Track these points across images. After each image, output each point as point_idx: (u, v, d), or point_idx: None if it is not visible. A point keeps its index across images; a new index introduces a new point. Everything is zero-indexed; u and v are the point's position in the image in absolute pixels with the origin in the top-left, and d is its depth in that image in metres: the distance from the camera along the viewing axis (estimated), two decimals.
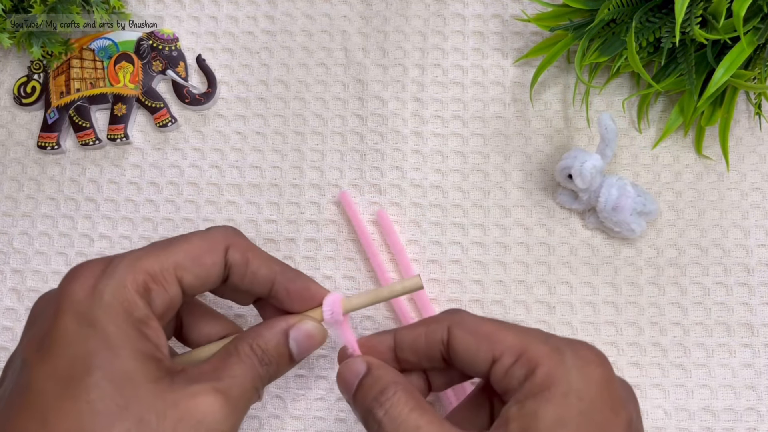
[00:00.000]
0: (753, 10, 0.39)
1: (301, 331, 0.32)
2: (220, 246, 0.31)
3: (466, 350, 0.29)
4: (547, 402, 0.26)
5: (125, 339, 0.27)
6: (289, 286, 0.33)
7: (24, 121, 0.49)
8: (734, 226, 0.44)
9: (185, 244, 0.31)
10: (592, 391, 0.27)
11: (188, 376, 0.28)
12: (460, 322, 0.30)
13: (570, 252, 0.44)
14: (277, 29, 0.50)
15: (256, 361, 0.31)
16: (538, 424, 0.26)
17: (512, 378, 0.27)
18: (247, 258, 0.32)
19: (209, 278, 0.31)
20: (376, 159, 0.46)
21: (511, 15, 0.49)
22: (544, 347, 0.28)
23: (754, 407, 0.41)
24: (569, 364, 0.27)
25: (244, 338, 0.31)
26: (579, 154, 0.41)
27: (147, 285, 0.29)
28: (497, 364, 0.28)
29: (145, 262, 0.29)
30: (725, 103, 0.43)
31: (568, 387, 0.26)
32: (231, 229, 0.33)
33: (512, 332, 0.29)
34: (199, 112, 0.48)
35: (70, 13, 0.46)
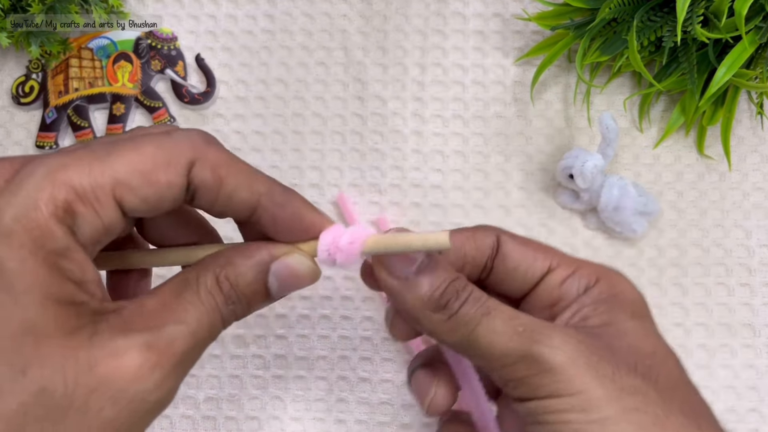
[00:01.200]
0: (755, 9, 0.39)
1: (287, 266, 0.25)
2: (181, 159, 0.23)
3: (521, 257, 0.28)
4: (620, 303, 0.27)
5: (30, 279, 0.20)
6: (277, 212, 0.25)
7: (22, 120, 0.49)
8: (736, 227, 0.44)
9: (132, 152, 0.22)
10: (647, 306, 0.28)
11: (120, 320, 0.22)
12: (507, 233, 0.29)
13: (571, 252, 0.44)
14: (277, 28, 0.49)
15: (219, 299, 0.24)
16: (618, 317, 0.26)
17: (571, 287, 0.28)
18: (219, 176, 0.24)
19: (162, 201, 0.23)
20: (376, 159, 0.46)
21: (512, 14, 0.48)
22: (600, 267, 0.28)
23: (756, 408, 0.41)
24: (626, 282, 0.28)
25: (209, 265, 0.24)
26: (580, 154, 0.41)
27: (70, 206, 0.21)
28: (552, 274, 0.28)
29: (70, 172, 0.21)
30: (727, 102, 0.43)
31: (634, 296, 0.28)
32: (200, 134, 0.24)
33: (562, 252, 0.29)
34: (198, 111, 0.48)
35: (68, 12, 0.46)
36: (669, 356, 0.26)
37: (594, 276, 0.28)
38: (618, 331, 0.26)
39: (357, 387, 0.43)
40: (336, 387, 0.43)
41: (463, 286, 0.26)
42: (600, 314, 0.26)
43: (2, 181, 0.21)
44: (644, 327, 0.27)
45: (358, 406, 0.43)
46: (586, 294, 0.27)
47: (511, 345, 0.25)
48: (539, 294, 0.28)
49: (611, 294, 0.27)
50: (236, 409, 0.43)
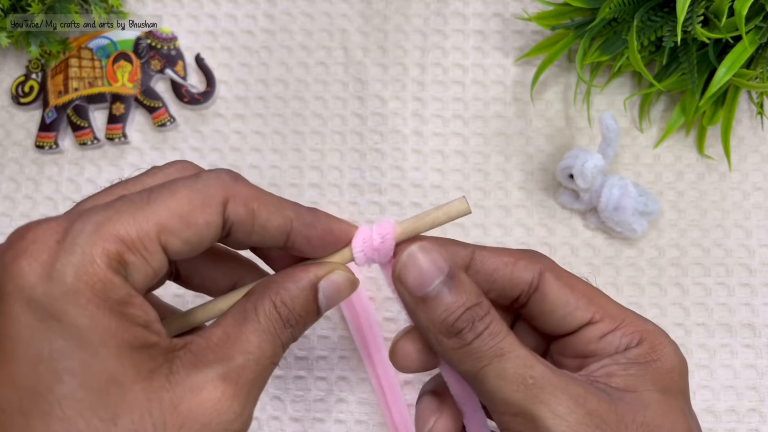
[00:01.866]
0: (755, 9, 0.39)
1: (333, 283, 0.26)
2: (215, 200, 0.24)
3: (561, 303, 0.27)
4: (655, 371, 0.26)
5: (103, 331, 0.21)
6: (310, 233, 0.26)
7: (22, 120, 0.49)
8: (736, 227, 0.44)
9: (169, 198, 0.23)
10: (686, 378, 0.27)
11: (191, 356, 0.23)
12: (555, 270, 0.27)
13: (571, 252, 0.44)
14: (277, 28, 0.49)
15: (278, 324, 0.25)
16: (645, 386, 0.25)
17: (610, 344, 0.26)
18: (252, 210, 0.25)
19: (203, 241, 0.24)
20: (376, 159, 0.46)
21: (512, 13, 0.48)
22: (646, 325, 0.27)
23: (756, 408, 0.41)
24: (670, 348, 0.27)
25: (263, 293, 0.25)
26: (580, 154, 0.41)
27: (122, 256, 0.22)
28: (593, 327, 0.27)
29: (116, 225, 0.22)
30: (727, 102, 0.43)
31: (673, 365, 0.26)
32: (227, 173, 0.25)
33: (609, 300, 0.28)
34: (197, 111, 0.48)
35: (68, 12, 0.46)
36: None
37: (638, 336, 0.26)
38: (639, 401, 0.25)
39: (357, 387, 0.43)
40: (336, 387, 0.43)
41: (481, 315, 0.25)
42: (628, 377, 0.25)
43: (54, 243, 0.22)
44: (669, 404, 0.25)
45: (358, 406, 0.43)
46: (622, 354, 0.26)
47: (516, 397, 0.24)
48: (575, 342, 0.27)
49: (649, 359, 0.26)
50: None
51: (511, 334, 0.25)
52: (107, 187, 0.26)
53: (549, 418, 0.23)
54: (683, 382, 0.26)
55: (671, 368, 0.26)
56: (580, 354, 0.27)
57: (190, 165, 0.27)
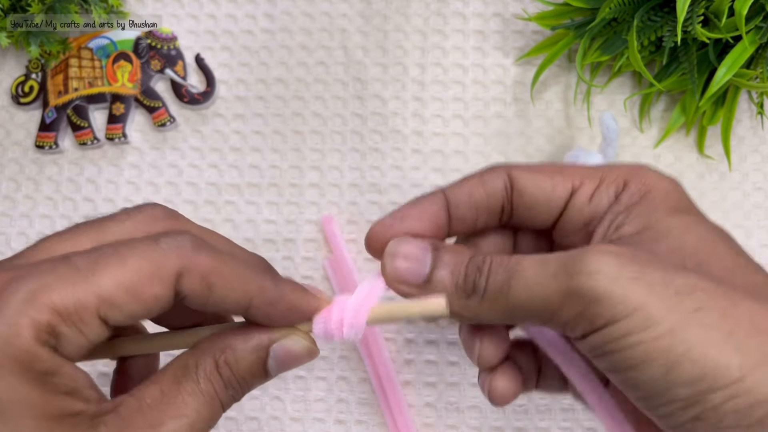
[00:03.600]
0: (755, 8, 0.39)
1: (286, 349, 0.25)
2: (167, 272, 0.22)
3: (539, 188, 0.26)
4: (654, 200, 0.25)
5: (23, 403, 0.21)
6: (270, 310, 0.24)
7: (22, 120, 0.49)
8: (736, 227, 0.44)
9: (117, 267, 0.22)
10: (683, 191, 0.26)
11: (120, 420, 0.22)
12: (519, 166, 0.27)
13: None
14: (277, 28, 0.49)
15: (219, 386, 0.24)
16: (655, 217, 0.25)
17: (600, 200, 0.26)
18: (208, 284, 0.23)
19: (149, 313, 0.23)
20: (376, 159, 0.46)
21: (512, 13, 0.48)
22: (625, 168, 0.26)
23: None
24: (656, 174, 0.26)
25: (207, 350, 0.24)
26: (581, 154, 0.41)
27: (53, 328, 0.21)
28: (578, 194, 0.26)
29: (53, 294, 0.21)
30: (727, 102, 0.43)
31: (667, 188, 0.26)
32: (190, 240, 0.23)
33: (580, 166, 0.27)
34: (197, 111, 0.48)
35: (68, 12, 0.46)
36: (718, 243, 0.24)
37: (621, 180, 0.26)
38: (657, 233, 0.24)
39: (357, 387, 0.43)
40: (336, 387, 0.43)
41: (481, 259, 0.25)
42: (635, 219, 0.25)
43: None
44: (684, 221, 0.25)
45: (359, 406, 0.43)
46: (617, 202, 0.26)
47: (550, 291, 0.23)
48: (569, 218, 0.27)
49: (643, 193, 0.25)
50: (236, 409, 0.43)
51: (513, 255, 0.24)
52: (78, 225, 0.25)
53: (586, 282, 0.22)
54: (685, 199, 0.26)
55: (666, 191, 0.26)
56: (580, 226, 0.26)
57: (162, 213, 0.26)
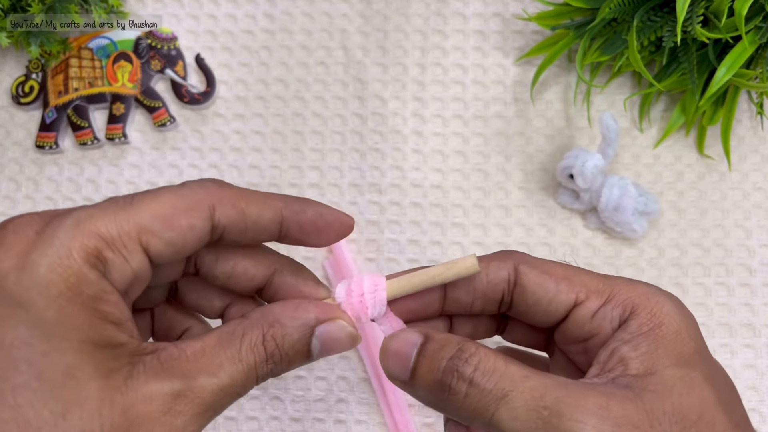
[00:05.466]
0: (755, 9, 0.39)
1: (331, 332, 0.26)
2: (201, 204, 0.24)
3: (542, 291, 0.26)
4: (663, 340, 0.24)
5: (69, 325, 0.21)
6: (301, 219, 0.26)
7: (22, 120, 0.49)
8: (736, 227, 0.44)
9: (152, 201, 0.24)
10: (696, 331, 0.25)
11: (157, 363, 0.23)
12: (529, 261, 0.26)
13: (571, 252, 0.44)
14: (277, 28, 0.49)
15: (260, 358, 0.25)
16: (661, 362, 0.24)
17: (604, 320, 0.25)
18: (241, 209, 0.25)
19: (186, 244, 0.24)
20: (376, 159, 0.46)
21: (512, 14, 0.48)
22: (635, 290, 0.25)
23: (756, 408, 0.41)
24: (669, 306, 0.25)
25: (257, 322, 0.25)
26: (580, 154, 0.41)
27: (100, 252, 0.22)
28: (581, 307, 0.25)
29: (97, 222, 0.22)
30: (727, 102, 0.43)
31: (678, 326, 0.24)
32: (212, 181, 0.26)
33: (592, 275, 0.26)
34: (197, 111, 0.48)
35: (68, 12, 0.46)
36: (718, 408, 0.23)
37: (629, 304, 0.25)
38: (662, 386, 0.23)
39: (357, 387, 0.43)
40: (336, 387, 0.43)
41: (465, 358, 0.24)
42: (642, 357, 0.24)
43: (33, 234, 0.22)
44: (690, 378, 0.24)
45: (357, 406, 0.43)
46: (622, 329, 0.25)
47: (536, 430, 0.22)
48: (569, 328, 0.26)
49: (652, 326, 0.24)
50: (236, 409, 0.43)
51: (513, 365, 0.24)
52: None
53: None
54: (695, 341, 0.25)
55: (678, 330, 0.24)
56: (579, 338, 0.26)
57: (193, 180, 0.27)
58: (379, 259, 0.44)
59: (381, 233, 0.45)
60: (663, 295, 0.25)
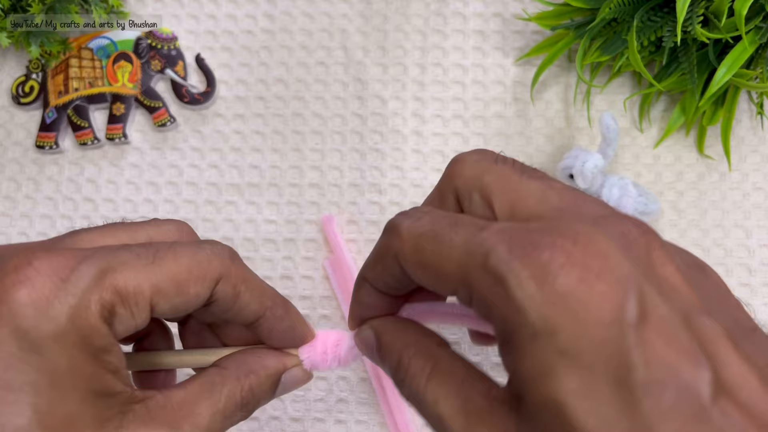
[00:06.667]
0: (755, 9, 0.39)
1: (294, 377, 0.28)
2: (211, 275, 0.25)
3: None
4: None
5: (78, 376, 0.22)
6: (276, 324, 0.28)
7: (22, 120, 0.49)
8: (736, 227, 0.44)
9: (172, 262, 0.24)
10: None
11: (146, 411, 0.24)
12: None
13: None
14: (277, 28, 0.49)
15: (238, 407, 0.26)
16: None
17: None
18: (238, 292, 0.26)
19: (188, 309, 0.25)
20: (376, 159, 0.46)
21: (512, 14, 0.48)
22: None
23: None
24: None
25: (233, 373, 0.27)
26: (580, 154, 0.41)
27: (113, 307, 0.23)
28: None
29: (118, 276, 0.23)
30: (727, 102, 0.43)
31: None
32: (229, 252, 0.26)
33: None
34: (198, 111, 0.48)
35: (68, 12, 0.46)
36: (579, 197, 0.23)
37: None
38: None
39: (357, 387, 0.43)
40: (336, 387, 0.43)
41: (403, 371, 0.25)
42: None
43: (58, 280, 0.22)
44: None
45: (358, 406, 0.43)
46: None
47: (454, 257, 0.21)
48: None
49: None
50: None
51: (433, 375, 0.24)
52: (109, 224, 0.27)
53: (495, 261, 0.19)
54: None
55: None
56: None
57: (188, 228, 0.28)
58: None
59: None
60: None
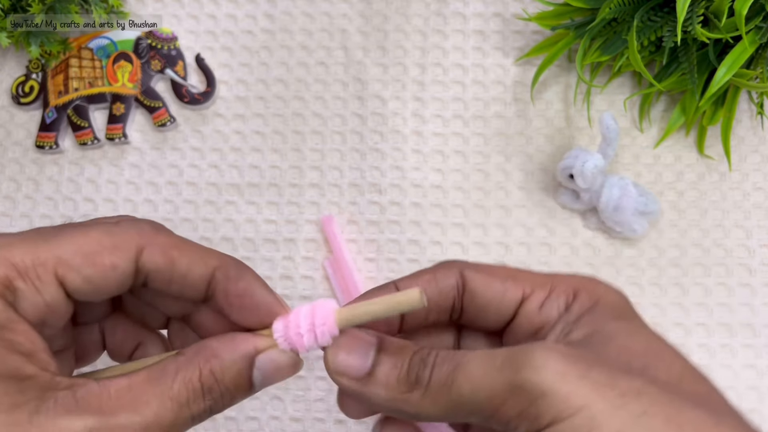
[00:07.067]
0: (755, 9, 0.39)
1: (272, 360, 0.25)
2: (128, 245, 0.23)
3: (490, 292, 0.26)
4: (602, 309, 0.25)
5: None
6: (230, 286, 0.25)
7: (22, 120, 0.49)
8: (736, 227, 0.44)
9: (78, 235, 0.23)
10: (627, 302, 0.26)
11: (71, 399, 0.22)
12: (472, 267, 0.27)
13: (571, 252, 0.44)
14: (277, 28, 0.49)
15: (197, 394, 0.23)
16: (602, 325, 0.24)
17: (551, 309, 0.25)
18: (171, 258, 0.24)
19: (107, 283, 0.23)
20: (376, 159, 0.46)
21: (512, 14, 0.48)
22: (575, 279, 0.26)
23: (756, 408, 0.41)
24: (605, 287, 0.26)
25: (193, 357, 0.24)
26: (580, 154, 0.41)
27: (10, 282, 0.22)
28: (528, 302, 0.26)
29: (14, 250, 0.22)
30: (727, 102, 0.43)
31: (615, 299, 0.26)
32: (148, 223, 0.25)
33: (533, 272, 0.27)
34: (198, 111, 0.48)
35: (68, 12, 0.46)
36: (664, 350, 0.24)
37: (571, 290, 0.26)
38: (603, 336, 0.24)
39: None
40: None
41: (426, 351, 0.24)
42: (583, 326, 0.25)
43: None
44: (630, 326, 0.25)
45: None
46: (567, 312, 0.25)
47: (495, 384, 0.22)
48: (520, 324, 0.26)
49: (591, 304, 0.25)
50: (236, 409, 0.43)
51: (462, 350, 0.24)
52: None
53: (533, 376, 0.21)
54: (631, 310, 0.26)
55: (614, 302, 0.25)
56: (530, 333, 0.26)
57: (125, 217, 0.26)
58: (379, 259, 0.44)
59: (381, 233, 0.45)
60: (597, 280, 0.26)
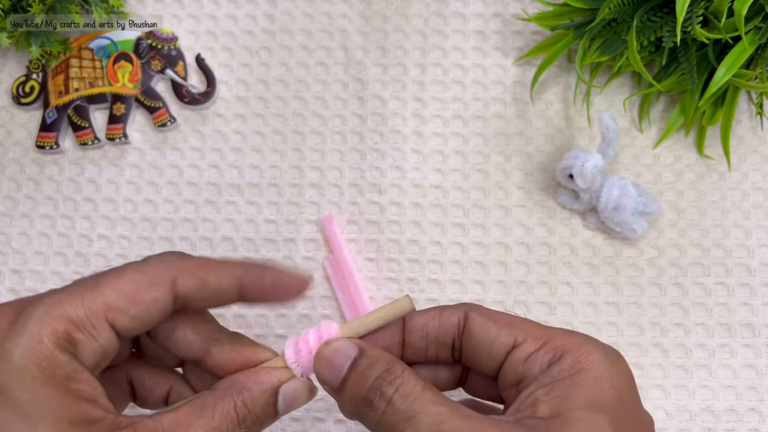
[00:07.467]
0: (754, 9, 0.39)
1: (293, 390, 0.28)
2: (161, 279, 0.26)
3: (485, 334, 0.27)
4: (579, 385, 0.25)
5: (45, 407, 0.23)
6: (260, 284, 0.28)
7: (22, 120, 0.49)
8: (736, 227, 0.44)
9: (116, 280, 0.26)
10: (623, 382, 0.26)
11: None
12: (478, 309, 0.28)
13: (571, 252, 0.44)
14: (277, 28, 0.49)
15: (234, 423, 0.26)
16: (570, 405, 0.24)
17: (534, 363, 0.26)
18: (201, 278, 0.27)
19: (150, 317, 0.26)
20: (376, 159, 0.46)
21: (512, 14, 0.48)
22: (571, 338, 0.26)
23: (755, 408, 0.41)
24: (597, 355, 0.26)
25: (226, 391, 0.27)
26: (580, 154, 0.41)
27: (70, 335, 0.24)
28: (518, 349, 0.27)
29: (65, 306, 0.24)
30: (727, 102, 0.43)
31: (600, 374, 0.25)
32: (173, 254, 0.28)
33: (534, 324, 0.28)
34: (198, 111, 0.48)
35: (68, 12, 0.46)
36: None
37: (561, 349, 0.26)
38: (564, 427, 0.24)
39: None
40: None
41: (390, 380, 0.25)
42: (552, 399, 0.25)
43: (6, 324, 0.24)
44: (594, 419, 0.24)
45: None
46: (546, 372, 0.26)
47: None
48: (506, 370, 0.27)
49: (573, 371, 0.25)
50: None
51: (429, 391, 0.25)
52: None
53: None
54: (618, 391, 0.25)
55: (598, 377, 0.25)
56: (513, 382, 0.27)
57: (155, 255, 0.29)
58: (379, 259, 0.45)
59: (381, 233, 0.45)
60: (596, 344, 0.27)
